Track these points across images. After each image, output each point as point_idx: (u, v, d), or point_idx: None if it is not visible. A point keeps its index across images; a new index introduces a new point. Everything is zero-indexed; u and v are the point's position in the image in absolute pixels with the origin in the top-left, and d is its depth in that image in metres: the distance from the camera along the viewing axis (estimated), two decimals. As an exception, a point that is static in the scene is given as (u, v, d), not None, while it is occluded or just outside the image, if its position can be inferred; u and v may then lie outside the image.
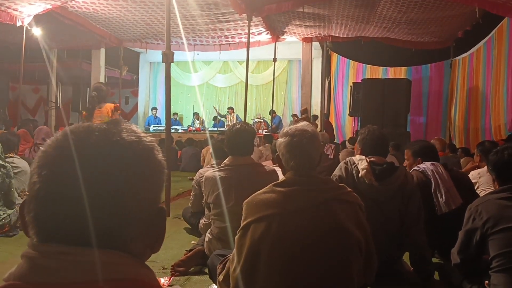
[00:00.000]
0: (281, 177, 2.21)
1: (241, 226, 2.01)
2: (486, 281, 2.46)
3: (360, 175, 2.97)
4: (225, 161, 3.30)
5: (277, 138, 2.24)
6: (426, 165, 3.50)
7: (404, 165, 3.91)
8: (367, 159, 3.06)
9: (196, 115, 14.57)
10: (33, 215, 0.68)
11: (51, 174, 0.67)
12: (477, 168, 4.62)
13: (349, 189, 2.11)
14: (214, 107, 14.83)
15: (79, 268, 0.65)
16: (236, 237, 2.03)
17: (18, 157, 4.96)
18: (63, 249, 0.65)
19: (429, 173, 3.43)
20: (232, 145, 3.28)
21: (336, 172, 3.11)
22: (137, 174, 0.71)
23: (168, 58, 4.24)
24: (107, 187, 0.67)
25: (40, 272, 0.65)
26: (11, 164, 4.51)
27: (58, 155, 0.69)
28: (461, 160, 6.79)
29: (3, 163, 4.31)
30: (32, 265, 0.66)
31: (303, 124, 2.18)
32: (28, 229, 0.70)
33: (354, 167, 3.04)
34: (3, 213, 4.19)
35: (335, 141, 12.13)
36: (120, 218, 0.68)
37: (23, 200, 4.23)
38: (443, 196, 3.30)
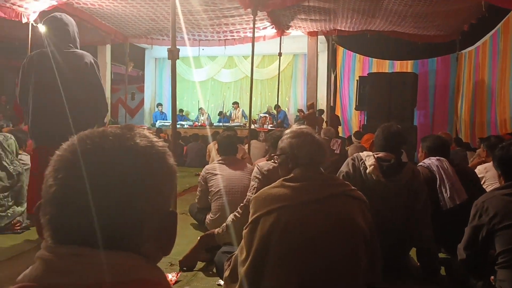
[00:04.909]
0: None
1: (249, 221, 2.05)
2: (492, 277, 2.46)
3: (367, 171, 2.98)
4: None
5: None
6: (431, 160, 3.50)
7: (419, 155, 3.94)
8: (375, 155, 3.06)
9: (201, 110, 14.59)
10: (49, 218, 0.70)
11: (66, 178, 0.69)
12: (484, 163, 4.61)
13: (353, 187, 2.15)
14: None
15: (93, 269, 0.66)
16: (245, 231, 2.07)
17: (26, 154, 5.00)
18: (77, 251, 0.67)
19: (434, 168, 3.43)
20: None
21: (343, 168, 3.11)
22: (150, 178, 0.73)
23: (173, 55, 4.23)
24: (120, 191, 0.69)
25: (55, 274, 0.66)
26: (20, 161, 4.55)
27: (74, 159, 0.70)
28: (478, 150, 6.74)
29: (16, 161, 4.38)
30: (47, 267, 0.67)
31: (301, 127, 2.26)
32: (43, 231, 0.71)
33: (362, 163, 3.05)
34: (12, 211, 4.24)
35: (340, 135, 12.10)
36: (133, 221, 0.70)
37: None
38: (448, 191, 3.30)
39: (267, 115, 13.57)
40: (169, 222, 0.77)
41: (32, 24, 9.14)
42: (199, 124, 13.81)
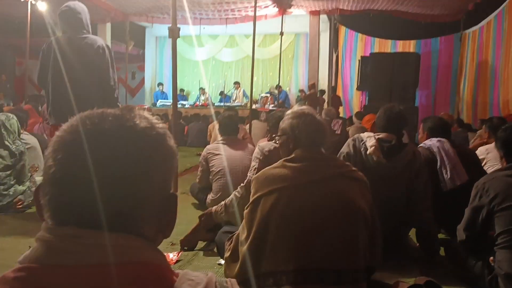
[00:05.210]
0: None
1: (250, 201, 2.06)
2: (491, 258, 2.48)
3: (368, 152, 2.97)
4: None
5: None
6: (432, 142, 3.49)
7: (420, 136, 3.93)
8: (376, 136, 3.06)
9: (201, 90, 14.54)
10: (48, 198, 0.70)
11: (66, 158, 0.69)
12: (485, 144, 4.61)
13: (354, 168, 2.15)
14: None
15: (93, 251, 0.66)
16: (246, 211, 2.08)
17: (28, 133, 5.01)
18: (77, 232, 0.67)
19: (434, 150, 3.42)
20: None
21: (344, 149, 3.11)
22: (149, 159, 0.72)
23: (174, 34, 4.19)
24: (120, 172, 0.69)
25: (56, 255, 0.66)
26: (22, 141, 4.56)
27: (73, 139, 0.70)
28: (479, 131, 6.73)
29: (19, 141, 4.40)
30: (47, 248, 0.67)
31: (302, 108, 2.26)
32: (43, 212, 0.71)
33: (362, 144, 3.04)
34: (14, 190, 4.25)
35: (341, 116, 12.07)
36: (132, 202, 0.70)
37: (32, 175, 4.25)
38: (448, 172, 3.30)
39: (268, 95, 13.51)
40: (169, 204, 0.77)
41: (31, 1, 9.05)
42: (200, 104, 13.79)
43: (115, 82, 3.95)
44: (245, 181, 3.34)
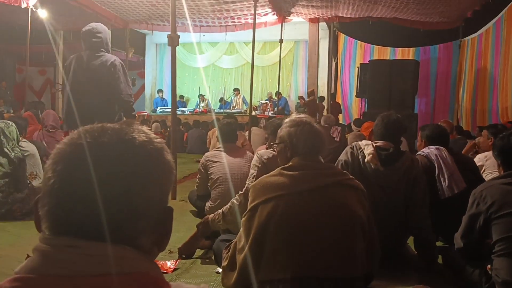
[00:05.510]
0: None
1: (248, 209, 2.06)
2: (489, 265, 2.48)
3: (366, 160, 2.98)
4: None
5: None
6: (430, 150, 3.50)
7: (418, 144, 3.95)
8: (373, 144, 3.07)
9: (201, 96, 14.58)
10: (47, 209, 0.71)
11: (65, 170, 0.70)
12: (477, 148, 4.66)
13: (351, 176, 2.16)
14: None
15: (90, 261, 0.67)
16: (243, 219, 2.09)
17: (26, 140, 5.01)
18: (74, 243, 0.68)
19: (432, 158, 3.43)
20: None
21: (342, 157, 3.12)
22: (147, 172, 0.74)
23: (174, 42, 4.23)
24: (117, 184, 0.70)
25: (52, 265, 0.67)
26: (20, 148, 4.56)
27: (73, 151, 0.72)
28: (478, 138, 6.74)
29: (17, 148, 4.41)
30: (44, 258, 0.68)
31: (300, 116, 2.27)
32: (41, 223, 0.72)
33: (360, 152, 3.05)
34: (12, 197, 4.25)
35: (341, 122, 12.09)
36: (129, 215, 0.71)
37: (31, 182, 4.25)
38: (446, 180, 3.31)
39: (268, 101, 13.55)
40: (165, 217, 0.78)
41: (31, 9, 9.09)
42: (200, 110, 13.83)
43: (129, 94, 4.38)
44: (244, 189, 3.34)
